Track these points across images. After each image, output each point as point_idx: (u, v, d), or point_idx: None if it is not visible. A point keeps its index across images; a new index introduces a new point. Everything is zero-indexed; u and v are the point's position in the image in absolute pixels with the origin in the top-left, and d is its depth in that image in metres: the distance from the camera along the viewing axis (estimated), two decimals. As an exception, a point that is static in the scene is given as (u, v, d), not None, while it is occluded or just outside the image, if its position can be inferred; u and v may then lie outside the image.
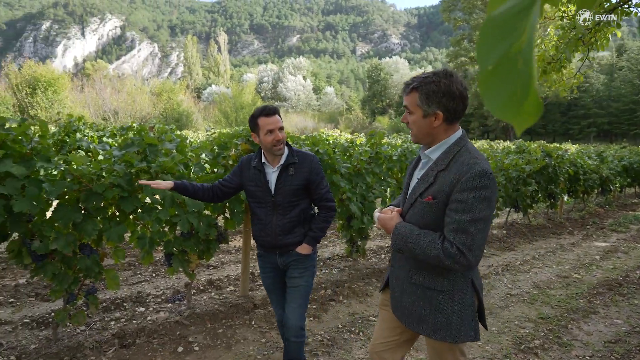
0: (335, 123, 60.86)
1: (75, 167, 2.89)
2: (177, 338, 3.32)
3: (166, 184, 2.43)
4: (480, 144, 23.61)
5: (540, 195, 7.79)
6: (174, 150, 3.40)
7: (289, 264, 2.52)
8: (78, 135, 5.25)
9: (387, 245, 6.45)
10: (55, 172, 2.98)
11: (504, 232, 7.56)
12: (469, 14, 50.70)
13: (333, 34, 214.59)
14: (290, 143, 2.54)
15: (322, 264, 5.35)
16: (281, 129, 2.38)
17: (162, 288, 4.31)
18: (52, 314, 3.56)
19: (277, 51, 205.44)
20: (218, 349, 3.18)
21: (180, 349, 3.15)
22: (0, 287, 4.12)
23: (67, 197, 2.94)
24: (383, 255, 5.84)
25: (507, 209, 8.07)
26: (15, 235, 2.87)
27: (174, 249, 3.47)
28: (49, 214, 2.90)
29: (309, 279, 2.54)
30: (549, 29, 6.79)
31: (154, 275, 4.73)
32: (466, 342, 1.69)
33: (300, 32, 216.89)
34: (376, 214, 1.87)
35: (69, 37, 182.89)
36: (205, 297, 4.10)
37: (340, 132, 21.86)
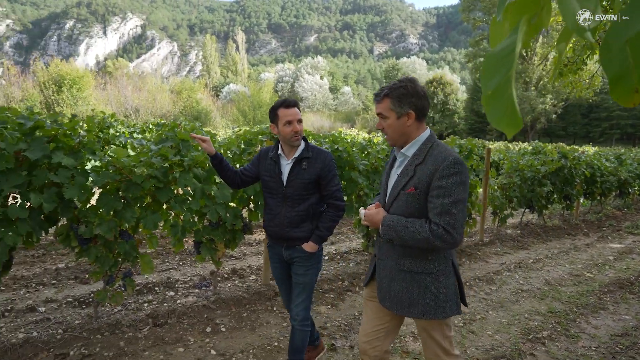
0: (351, 122, 60.88)
1: (117, 159, 3.16)
2: (204, 320, 3.57)
3: (211, 148, 2.58)
4: (497, 145, 23.45)
5: (555, 196, 7.85)
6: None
7: (294, 259, 2.58)
8: (111, 130, 5.58)
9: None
10: (98, 164, 3.26)
11: (518, 231, 7.65)
12: (488, 14, 50.18)
13: (351, 34, 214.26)
14: (307, 138, 2.63)
15: (339, 257, 5.57)
16: (299, 121, 2.48)
17: (189, 275, 4.59)
18: (92, 294, 3.86)
19: (294, 50, 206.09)
20: (243, 331, 3.42)
21: (208, 329, 3.41)
22: (43, 270, 4.46)
23: (108, 186, 3.22)
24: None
25: (522, 209, 8.14)
26: (63, 220, 3.16)
27: (203, 237, 3.73)
28: (88, 202, 3.19)
29: (313, 276, 2.61)
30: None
31: (180, 263, 5.02)
32: (452, 316, 1.91)
33: (318, 31, 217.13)
34: (362, 211, 2.02)
35: (92, 35, 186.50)
36: (229, 285, 4.36)
37: (358, 131, 22.00)
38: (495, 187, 7.16)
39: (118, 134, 5.35)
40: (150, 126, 6.47)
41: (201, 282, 4.30)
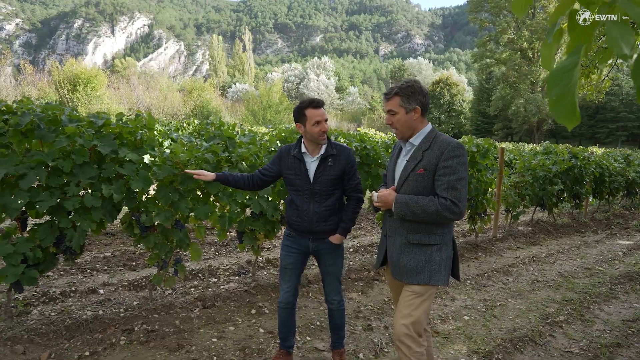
0: (357, 122, 61.10)
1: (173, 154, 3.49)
2: (247, 303, 3.90)
3: (209, 175, 2.80)
4: (504, 146, 23.65)
5: (565, 195, 8.13)
6: (249, 143, 3.98)
7: (321, 250, 2.71)
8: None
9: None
10: (155, 159, 3.59)
11: (530, 228, 7.93)
12: (496, 15, 50.25)
13: (357, 34, 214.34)
14: (329, 137, 2.72)
15: (362, 249, 5.88)
16: (326, 120, 2.60)
17: (227, 264, 4.92)
18: (143, 279, 4.20)
19: (300, 50, 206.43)
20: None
21: (253, 311, 3.74)
22: (93, 257, 4.81)
23: (164, 179, 3.55)
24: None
25: (533, 207, 8.42)
26: (126, 209, 3.50)
27: (246, 228, 4.06)
28: (146, 194, 3.52)
29: (340, 264, 2.79)
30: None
31: (216, 254, 5.36)
32: (443, 285, 2.18)
33: (324, 31, 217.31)
34: (374, 193, 2.26)
35: (100, 35, 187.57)
36: (265, 273, 4.69)
37: (375, 131, 22.29)
38: (509, 185, 7.44)
39: (156, 131, 5.68)
40: (184, 124, 6.78)
41: (240, 269, 4.63)
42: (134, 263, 4.73)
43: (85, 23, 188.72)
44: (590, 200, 9.91)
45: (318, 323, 3.56)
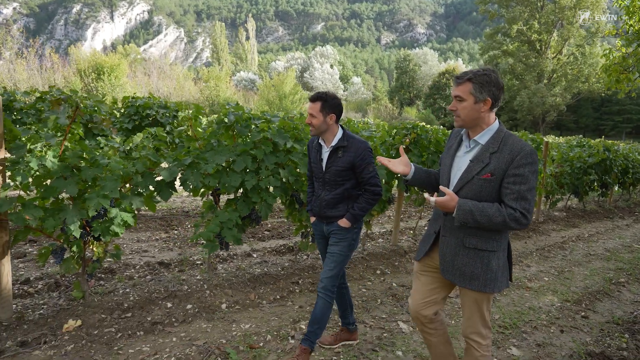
0: (363, 113, 61.73)
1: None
2: (366, 267, 4.82)
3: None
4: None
5: (595, 184, 9.06)
6: (373, 136, 4.87)
7: (331, 232, 2.78)
8: (204, 120, 6.63)
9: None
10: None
11: (564, 214, 8.88)
12: (505, 6, 50.78)
13: (358, 22, 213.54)
14: (344, 127, 2.78)
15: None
16: (312, 115, 2.66)
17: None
18: (283, 246, 5.13)
19: (301, 39, 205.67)
20: (401, 273, 4.67)
21: (378, 272, 4.66)
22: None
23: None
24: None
25: (568, 195, 9.35)
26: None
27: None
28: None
29: (343, 248, 2.73)
30: (617, 41, 8.02)
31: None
32: (498, 292, 2.14)
33: (325, 19, 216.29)
34: (432, 199, 2.02)
35: (99, 20, 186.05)
36: (368, 245, 5.62)
37: (378, 124, 23.00)
38: (549, 175, 8.36)
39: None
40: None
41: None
42: (279, 232, 5.68)
43: (84, 8, 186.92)
44: (616, 189, 10.85)
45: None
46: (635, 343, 3.29)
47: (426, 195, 2.15)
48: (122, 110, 5.90)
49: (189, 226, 6.00)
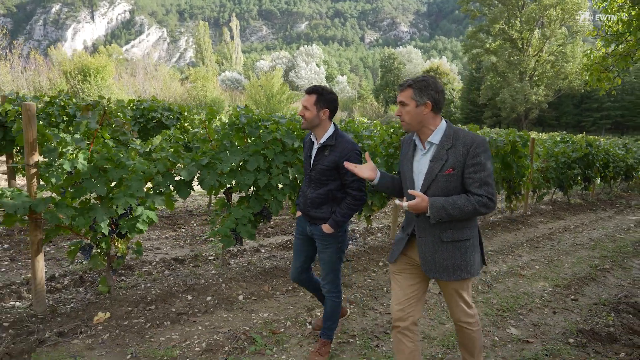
0: (349, 111, 62.12)
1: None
2: (368, 260, 5.08)
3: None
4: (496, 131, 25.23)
5: (579, 178, 9.49)
6: (372, 136, 5.12)
7: (315, 236, 2.74)
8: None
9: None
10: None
11: (550, 207, 9.29)
12: (487, 5, 51.65)
13: (342, 21, 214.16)
14: (337, 126, 2.72)
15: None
16: (305, 107, 2.60)
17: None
18: (287, 242, 5.35)
19: (285, 38, 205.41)
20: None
21: (380, 264, 4.92)
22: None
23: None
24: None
25: (553, 189, 9.77)
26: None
27: (368, 200, 5.21)
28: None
29: (332, 254, 2.72)
30: (597, 42, 8.42)
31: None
32: (478, 274, 2.32)
33: (309, 18, 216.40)
34: (404, 204, 2.08)
35: (79, 20, 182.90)
36: (368, 239, 5.88)
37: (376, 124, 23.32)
38: (535, 170, 8.74)
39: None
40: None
41: (351, 236, 5.81)
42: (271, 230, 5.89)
43: (64, 8, 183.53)
44: (598, 182, 11.33)
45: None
46: (620, 320, 3.61)
47: (397, 201, 2.20)
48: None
49: (194, 224, 6.19)
